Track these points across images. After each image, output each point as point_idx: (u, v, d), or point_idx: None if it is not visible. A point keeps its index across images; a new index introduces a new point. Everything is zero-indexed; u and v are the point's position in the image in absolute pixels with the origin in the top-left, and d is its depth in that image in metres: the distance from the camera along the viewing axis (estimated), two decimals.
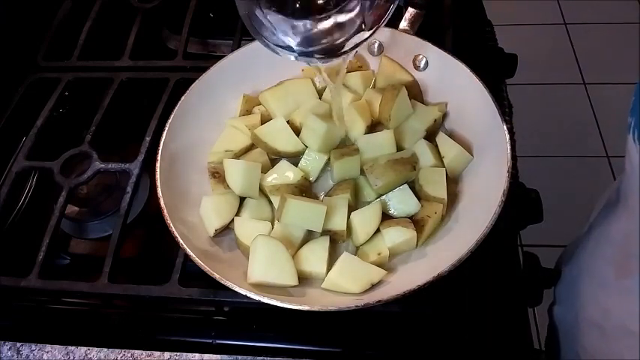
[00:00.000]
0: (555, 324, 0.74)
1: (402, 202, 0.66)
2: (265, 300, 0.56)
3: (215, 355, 0.63)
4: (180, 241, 0.61)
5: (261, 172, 0.68)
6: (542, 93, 2.16)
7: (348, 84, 0.77)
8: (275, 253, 0.61)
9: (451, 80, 0.73)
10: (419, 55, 0.76)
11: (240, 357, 0.62)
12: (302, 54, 0.58)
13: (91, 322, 0.68)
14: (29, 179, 0.81)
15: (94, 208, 0.77)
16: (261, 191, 0.69)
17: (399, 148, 0.70)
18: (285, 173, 0.69)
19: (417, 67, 0.77)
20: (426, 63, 0.76)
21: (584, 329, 0.65)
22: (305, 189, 0.69)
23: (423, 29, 0.79)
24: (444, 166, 0.68)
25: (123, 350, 0.64)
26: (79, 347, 0.64)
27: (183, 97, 0.73)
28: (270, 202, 0.69)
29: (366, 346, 0.62)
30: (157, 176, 0.66)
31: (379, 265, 0.62)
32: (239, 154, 0.73)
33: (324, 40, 0.57)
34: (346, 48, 0.57)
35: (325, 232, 0.65)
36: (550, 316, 0.76)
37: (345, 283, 0.60)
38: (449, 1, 0.87)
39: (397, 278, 0.62)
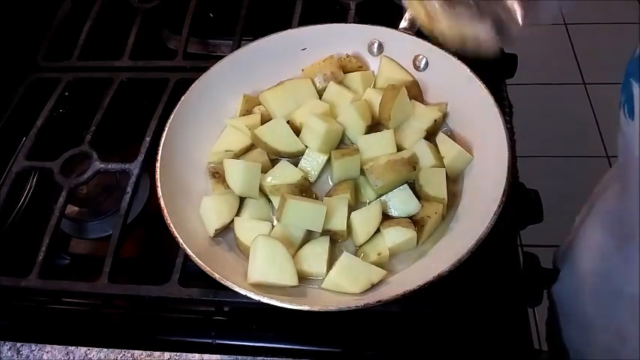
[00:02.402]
0: (555, 300, 0.75)
1: (402, 202, 0.66)
2: (265, 300, 0.56)
3: (215, 355, 0.63)
4: (180, 241, 0.61)
5: (261, 172, 0.68)
6: (542, 93, 2.16)
7: (348, 84, 0.77)
8: (275, 253, 0.61)
9: (451, 80, 0.73)
10: (419, 55, 0.76)
11: (240, 357, 0.62)
12: None
13: (91, 322, 0.68)
14: (29, 179, 0.81)
15: (94, 208, 0.77)
16: (261, 191, 0.69)
17: (399, 148, 0.70)
18: (285, 173, 0.69)
19: (417, 67, 0.77)
20: (426, 63, 0.76)
21: (584, 297, 0.66)
22: (305, 189, 0.69)
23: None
24: (444, 166, 0.68)
25: (123, 350, 0.64)
26: (79, 347, 0.64)
27: (183, 97, 0.73)
28: (270, 202, 0.69)
29: (366, 346, 0.62)
30: (157, 176, 0.66)
31: (379, 265, 0.62)
32: (239, 154, 0.73)
33: None
34: None
35: (325, 232, 0.65)
36: (549, 295, 0.76)
37: (345, 283, 0.60)
38: None
39: (397, 278, 0.62)
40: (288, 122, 0.72)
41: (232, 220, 0.67)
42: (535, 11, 0.63)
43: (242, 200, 0.69)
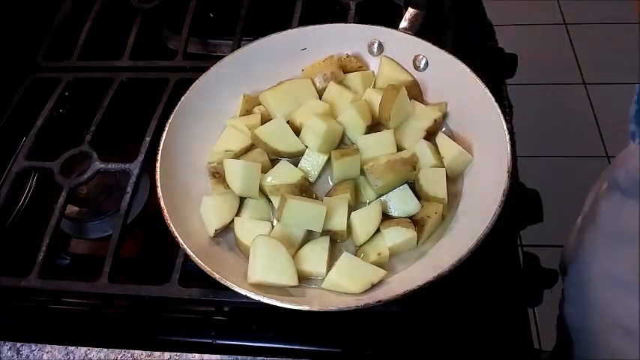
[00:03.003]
0: (568, 324, 0.74)
1: (402, 202, 0.66)
2: (265, 300, 0.56)
3: (215, 355, 0.63)
4: (180, 241, 0.61)
5: (261, 172, 0.68)
6: (542, 93, 2.16)
7: (348, 84, 0.77)
8: (275, 253, 0.61)
9: (451, 80, 0.73)
10: (419, 55, 0.76)
11: (240, 357, 0.62)
12: None
13: (91, 322, 0.68)
14: (29, 179, 0.81)
15: (94, 208, 0.77)
16: (261, 191, 0.69)
17: (399, 148, 0.70)
18: (285, 173, 0.69)
19: (417, 67, 0.77)
20: (426, 63, 0.76)
21: (607, 331, 0.65)
22: (305, 189, 0.69)
23: (423, 29, 0.79)
24: (444, 166, 0.68)
25: (123, 350, 0.64)
26: (79, 347, 0.64)
27: (183, 97, 0.73)
28: (270, 202, 0.69)
29: (366, 346, 0.62)
30: (157, 176, 0.66)
31: (379, 265, 0.62)
32: (239, 154, 0.73)
33: None
34: None
35: (325, 232, 0.65)
36: (561, 317, 0.75)
37: (345, 283, 0.60)
38: (449, 1, 0.87)
39: (397, 278, 0.62)
40: (288, 122, 0.72)
41: (232, 220, 0.67)
42: None
43: (242, 200, 0.69)
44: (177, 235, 0.61)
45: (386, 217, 0.66)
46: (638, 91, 0.56)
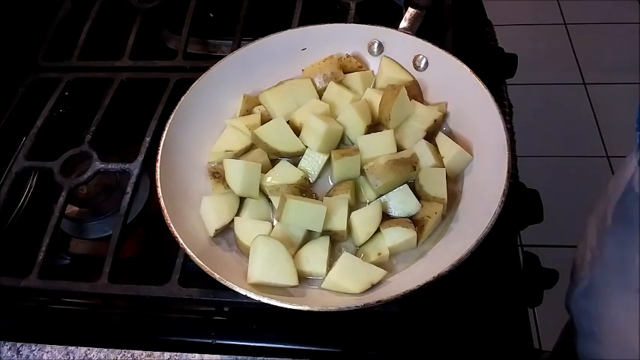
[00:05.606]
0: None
1: (402, 202, 0.66)
2: (265, 300, 0.56)
3: (215, 355, 0.63)
4: (180, 241, 0.61)
5: (261, 172, 0.68)
6: (542, 93, 2.16)
7: (348, 84, 0.77)
8: (275, 253, 0.61)
9: (451, 80, 0.73)
10: (419, 55, 0.76)
11: (240, 357, 0.62)
12: None
13: (91, 322, 0.68)
14: (29, 179, 0.81)
15: (94, 208, 0.77)
16: (261, 191, 0.69)
17: (399, 148, 0.70)
18: (285, 173, 0.69)
19: (417, 67, 0.77)
20: (426, 63, 0.76)
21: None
22: (305, 189, 0.69)
23: (423, 29, 0.79)
24: (444, 166, 0.68)
25: (123, 350, 0.64)
26: (79, 347, 0.64)
27: (183, 97, 0.73)
28: (270, 202, 0.69)
29: (366, 346, 0.62)
30: (157, 176, 0.66)
31: (379, 265, 0.62)
32: (239, 154, 0.73)
33: None
34: None
35: (325, 232, 0.65)
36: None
37: (345, 283, 0.60)
38: (449, 1, 0.87)
39: (397, 278, 0.62)
40: (288, 122, 0.72)
41: (232, 220, 0.67)
42: None
43: (242, 200, 0.69)
44: (177, 235, 0.61)
45: (386, 217, 0.66)
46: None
